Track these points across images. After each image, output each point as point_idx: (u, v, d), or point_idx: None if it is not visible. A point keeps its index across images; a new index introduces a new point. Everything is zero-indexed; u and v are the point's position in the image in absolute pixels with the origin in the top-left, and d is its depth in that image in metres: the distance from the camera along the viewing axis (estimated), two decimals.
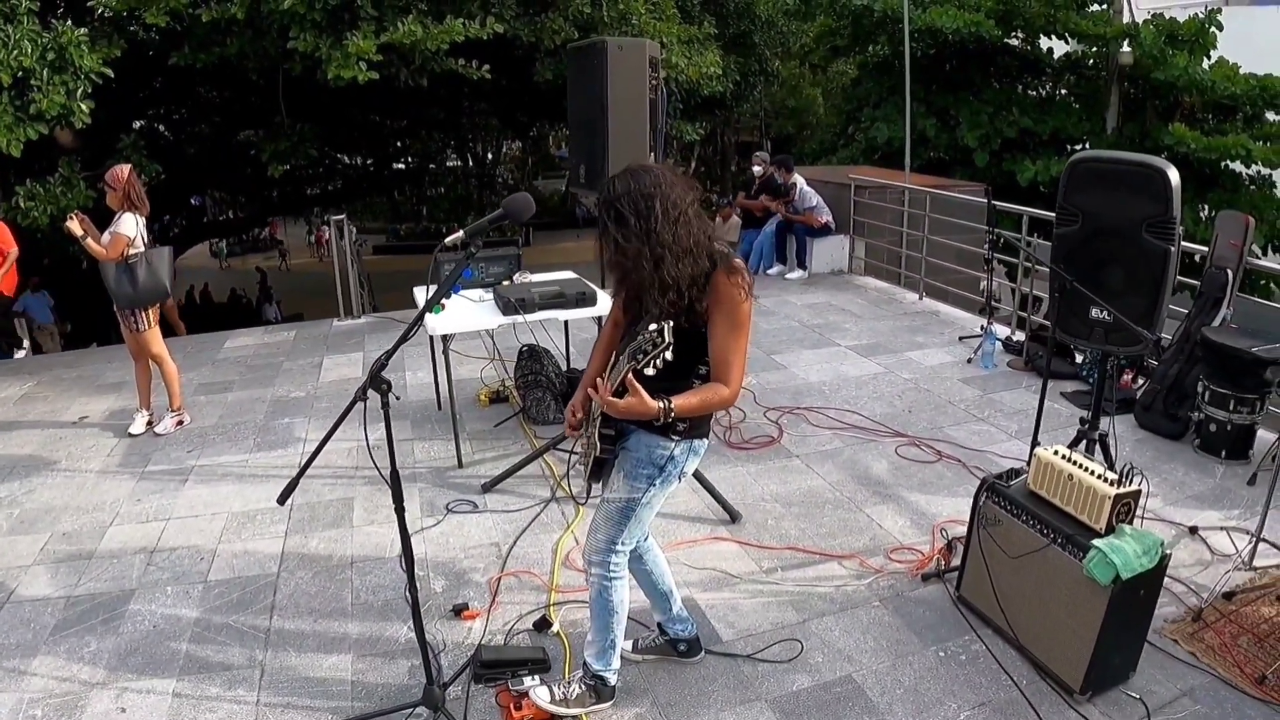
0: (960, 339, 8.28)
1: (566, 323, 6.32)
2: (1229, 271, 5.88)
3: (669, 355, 2.41)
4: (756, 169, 11.49)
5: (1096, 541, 3.14)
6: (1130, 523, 3.24)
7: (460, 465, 5.49)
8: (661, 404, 2.53)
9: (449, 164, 29.62)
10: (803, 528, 4.66)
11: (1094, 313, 4.00)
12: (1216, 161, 16.39)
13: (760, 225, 11.40)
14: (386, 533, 4.65)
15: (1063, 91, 19.47)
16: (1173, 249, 3.76)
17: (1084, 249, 4.02)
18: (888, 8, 17.96)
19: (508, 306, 5.26)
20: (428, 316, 5.16)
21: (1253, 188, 16.91)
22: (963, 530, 4.07)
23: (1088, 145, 18.32)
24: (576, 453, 3.16)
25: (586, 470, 2.99)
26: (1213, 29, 16.87)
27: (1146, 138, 17.74)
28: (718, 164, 35.70)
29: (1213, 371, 5.55)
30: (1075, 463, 3.38)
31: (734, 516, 4.72)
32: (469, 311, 5.50)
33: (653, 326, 2.40)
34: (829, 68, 25.83)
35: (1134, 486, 3.24)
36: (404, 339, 2.62)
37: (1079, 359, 7.44)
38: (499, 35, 9.50)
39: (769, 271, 11.26)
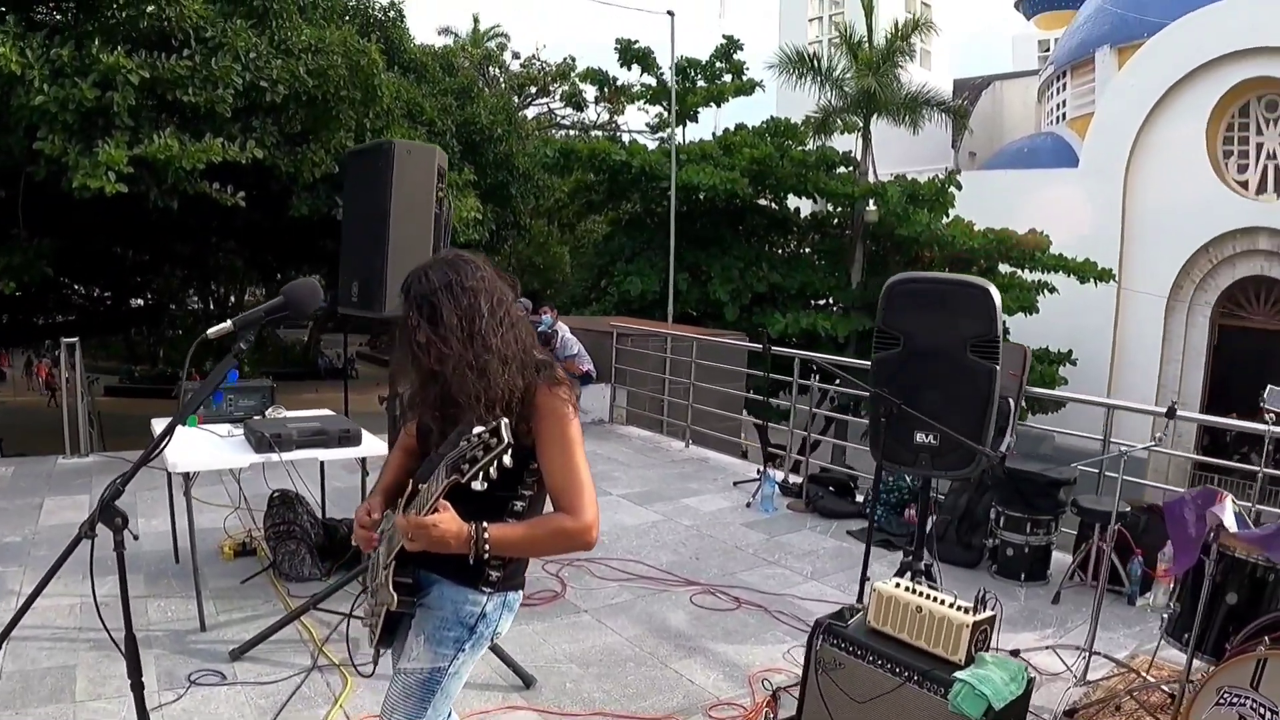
0: (735, 484, 8.19)
1: (323, 465, 5.63)
2: (1010, 401, 6.02)
3: (502, 462, 1.92)
4: (546, 319, 11.27)
5: (960, 674, 2.90)
6: (986, 649, 3.01)
7: (203, 628, 4.62)
8: (470, 530, 2.03)
9: (190, 305, 27.88)
10: (607, 689, 4.17)
11: (919, 437, 3.84)
12: None
13: None
14: (117, 710, 3.76)
15: (806, 250, 20.85)
16: (997, 368, 3.68)
17: (905, 371, 3.88)
18: (645, 164, 18.68)
19: (261, 443, 4.54)
20: (168, 451, 4.38)
21: None
22: (782, 678, 3.91)
23: (833, 299, 19.52)
24: (358, 615, 2.54)
25: (375, 630, 2.35)
26: (951, 188, 18.57)
27: None
28: None
29: (1007, 497, 5.62)
30: (919, 593, 3.14)
31: (527, 681, 4.17)
32: (215, 448, 4.73)
33: (478, 429, 1.91)
34: (578, 226, 26.49)
35: (989, 612, 3.05)
36: (145, 459, 1.99)
37: (859, 498, 7.54)
38: (258, 163, 8.93)
39: None
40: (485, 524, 2.05)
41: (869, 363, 4.31)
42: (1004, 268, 18.74)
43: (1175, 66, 18.72)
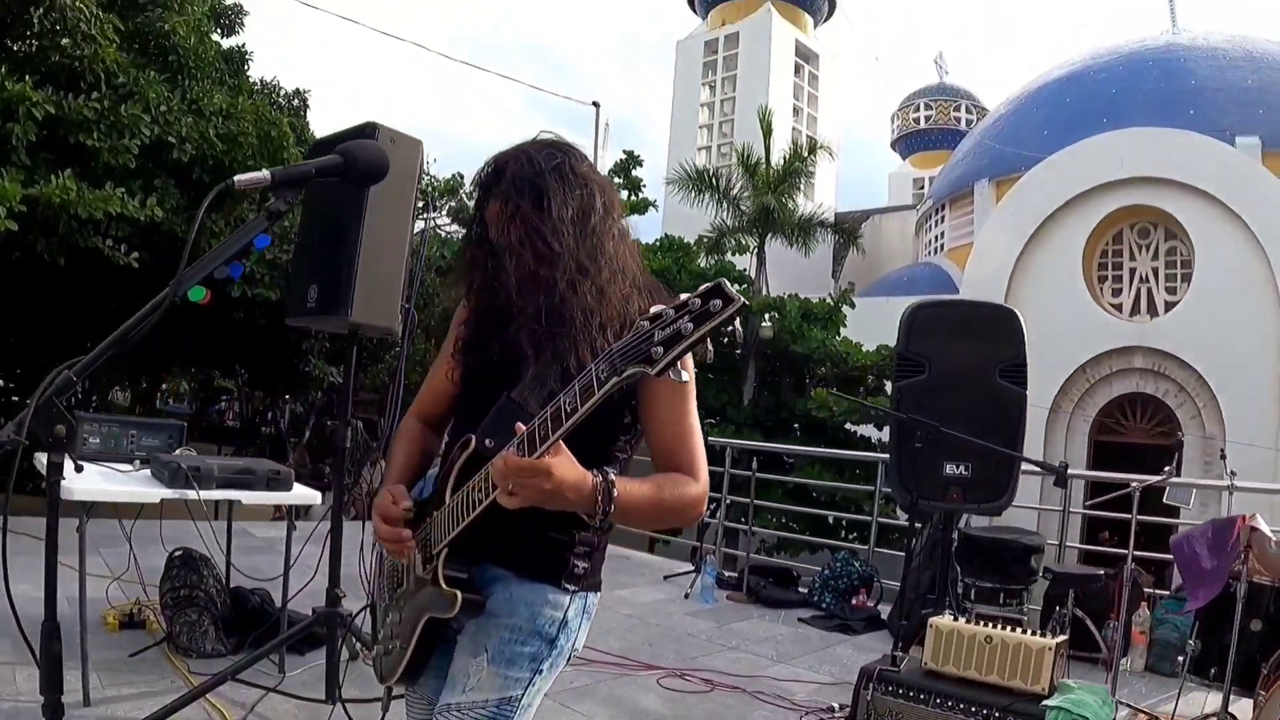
0: (665, 578, 7.78)
1: (230, 525, 4.93)
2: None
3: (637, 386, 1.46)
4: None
5: (1051, 702, 2.53)
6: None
7: (87, 703, 3.84)
8: (595, 479, 1.51)
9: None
10: None
11: (949, 469, 3.54)
12: (847, 427, 17.91)
13: None
14: None
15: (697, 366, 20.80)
16: (1027, 393, 3.44)
17: (933, 399, 3.60)
18: None
19: (175, 476, 3.87)
20: (68, 476, 3.70)
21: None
22: None
23: (727, 413, 19.43)
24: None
25: (400, 657, 1.77)
26: (844, 307, 18.94)
27: (783, 406, 19.13)
28: None
29: (976, 569, 5.34)
30: (984, 623, 2.79)
31: None
32: (118, 482, 4.04)
33: (685, 296, 1.32)
34: None
35: (1064, 635, 2.72)
36: (103, 354, 1.45)
37: (803, 589, 7.24)
38: (154, 226, 8.29)
39: None
40: (610, 474, 1.54)
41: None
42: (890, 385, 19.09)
43: (1052, 197, 19.89)
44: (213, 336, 10.46)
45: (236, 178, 1.48)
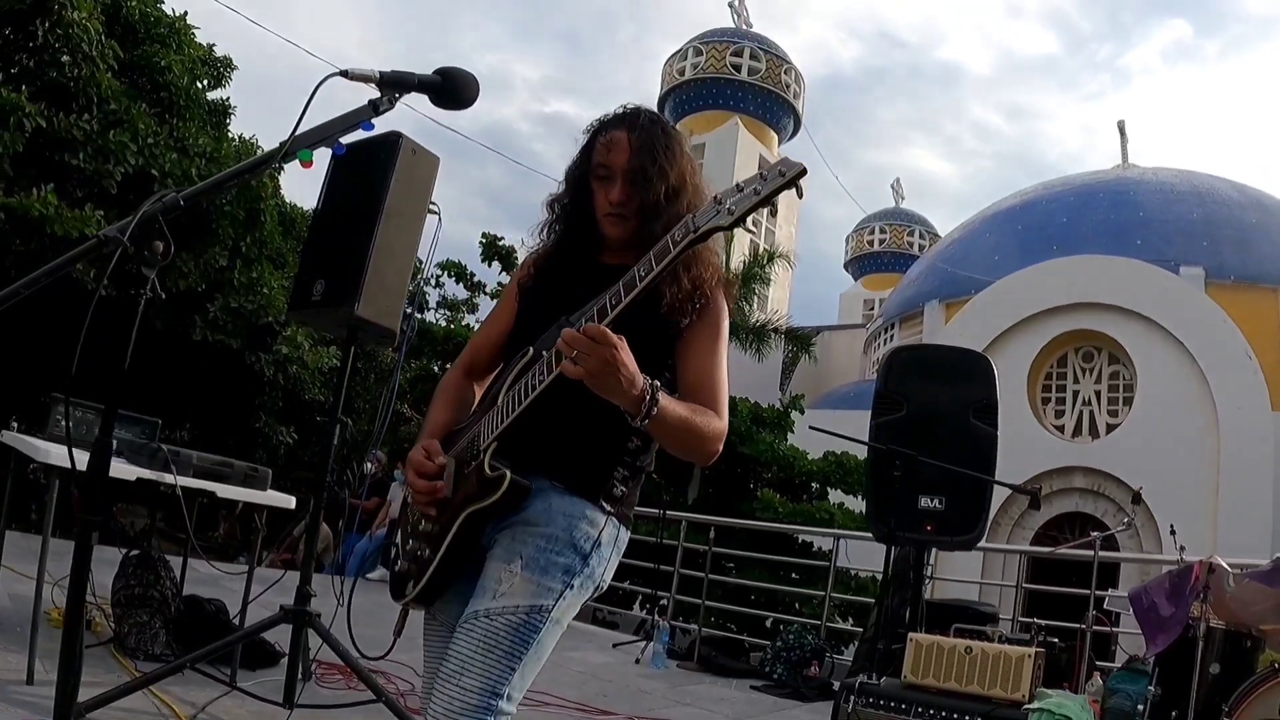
0: (615, 645, 7.69)
1: (190, 529, 4.84)
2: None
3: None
4: (369, 467, 10.65)
5: (1033, 706, 2.59)
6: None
7: (30, 680, 3.72)
8: (647, 379, 1.59)
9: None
10: None
11: (923, 501, 3.64)
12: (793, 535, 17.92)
13: (366, 528, 10.56)
14: None
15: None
16: (997, 434, 3.59)
17: (909, 435, 3.73)
18: None
19: (155, 458, 3.85)
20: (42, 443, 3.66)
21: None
22: None
23: (665, 513, 19.28)
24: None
25: (435, 555, 1.75)
26: (794, 413, 19.12)
27: (729, 506, 19.07)
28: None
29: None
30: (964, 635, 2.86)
31: None
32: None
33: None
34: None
35: (1039, 647, 2.80)
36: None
37: (754, 661, 7.24)
38: (125, 255, 8.27)
39: (369, 576, 10.17)
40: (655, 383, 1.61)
41: None
42: (835, 496, 19.12)
43: (1000, 319, 20.50)
44: (167, 378, 10.37)
45: (350, 68, 1.61)
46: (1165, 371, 19.16)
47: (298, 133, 1.58)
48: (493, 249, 21.96)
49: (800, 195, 1.47)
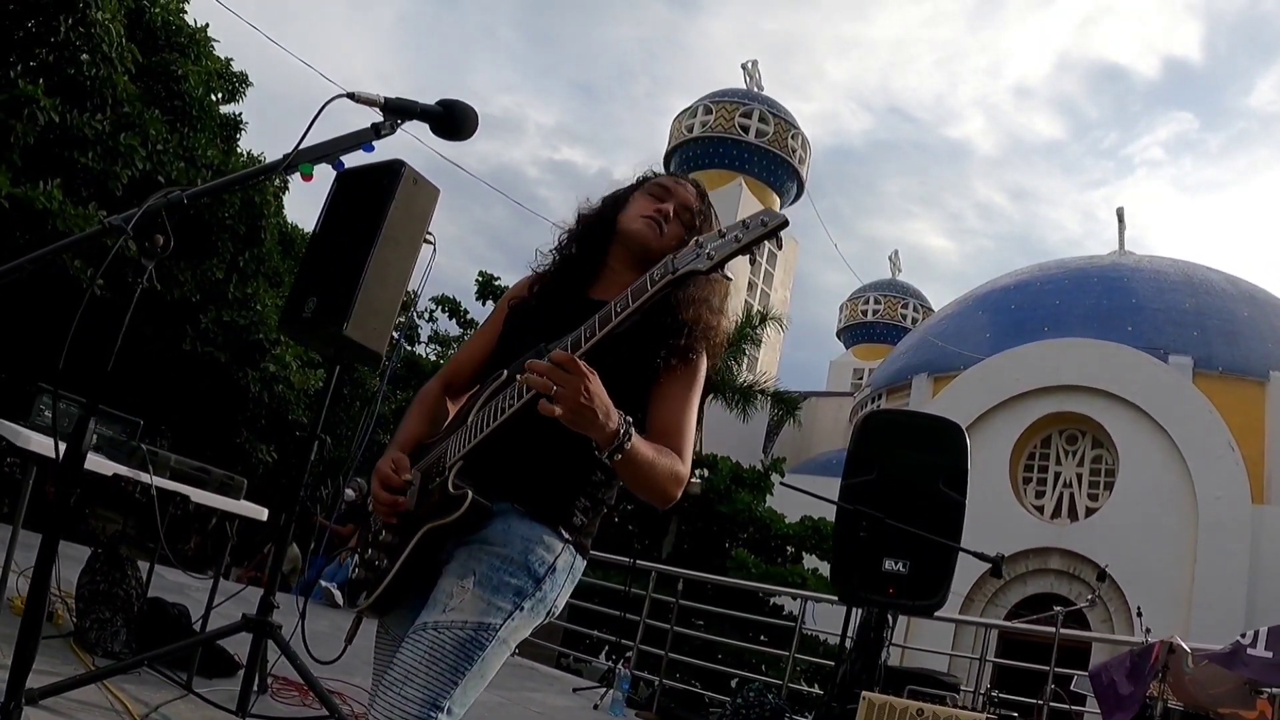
0: (575, 690, 7.65)
1: (161, 533, 4.84)
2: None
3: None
4: (349, 494, 10.55)
5: None
6: None
7: None
8: (621, 414, 1.62)
9: None
10: None
11: (887, 564, 3.68)
12: (765, 596, 17.82)
13: (333, 550, 10.42)
14: None
15: (616, 519, 20.77)
16: (965, 502, 3.64)
17: (878, 498, 3.78)
18: None
19: (133, 456, 3.87)
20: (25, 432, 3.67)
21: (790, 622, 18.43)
22: None
23: (636, 562, 19.19)
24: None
25: (393, 565, 1.78)
26: (774, 474, 19.11)
27: (705, 562, 18.99)
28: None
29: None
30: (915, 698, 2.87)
31: None
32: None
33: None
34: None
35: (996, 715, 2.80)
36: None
37: (712, 717, 7.28)
38: (123, 259, 8.31)
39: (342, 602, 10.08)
40: (630, 423, 1.63)
41: None
42: (810, 561, 19.06)
43: (987, 397, 20.61)
44: (152, 384, 10.37)
45: (357, 91, 1.69)
46: (1147, 458, 19.28)
47: (301, 147, 1.65)
48: (488, 288, 22.06)
49: (780, 246, 1.54)
